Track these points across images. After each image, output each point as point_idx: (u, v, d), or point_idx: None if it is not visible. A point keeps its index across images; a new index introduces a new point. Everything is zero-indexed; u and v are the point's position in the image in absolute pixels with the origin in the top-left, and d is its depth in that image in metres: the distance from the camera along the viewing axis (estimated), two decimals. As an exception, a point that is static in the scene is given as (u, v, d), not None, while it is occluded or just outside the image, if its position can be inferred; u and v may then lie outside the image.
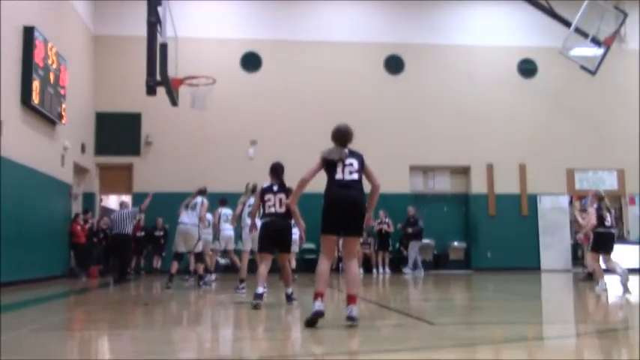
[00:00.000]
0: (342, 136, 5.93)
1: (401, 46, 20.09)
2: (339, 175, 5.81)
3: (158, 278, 14.97)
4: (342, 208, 5.73)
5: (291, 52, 19.67)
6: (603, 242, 10.56)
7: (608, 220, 10.57)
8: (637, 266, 17.61)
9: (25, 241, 12.59)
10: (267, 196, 7.84)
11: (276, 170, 8.01)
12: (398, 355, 4.56)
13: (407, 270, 17.89)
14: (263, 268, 7.86)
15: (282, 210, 7.78)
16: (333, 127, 6.02)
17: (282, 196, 7.80)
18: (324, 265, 5.75)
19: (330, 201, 5.80)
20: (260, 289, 7.59)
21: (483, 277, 16.21)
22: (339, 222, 5.77)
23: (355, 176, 5.81)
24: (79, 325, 6.76)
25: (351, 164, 5.83)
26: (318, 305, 5.50)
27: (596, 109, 20.21)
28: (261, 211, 7.98)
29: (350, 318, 5.48)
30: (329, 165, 5.87)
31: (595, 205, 10.78)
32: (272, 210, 7.80)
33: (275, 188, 7.87)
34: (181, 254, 11.96)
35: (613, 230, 10.67)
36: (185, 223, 11.81)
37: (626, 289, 9.92)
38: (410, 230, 18.11)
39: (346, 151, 5.88)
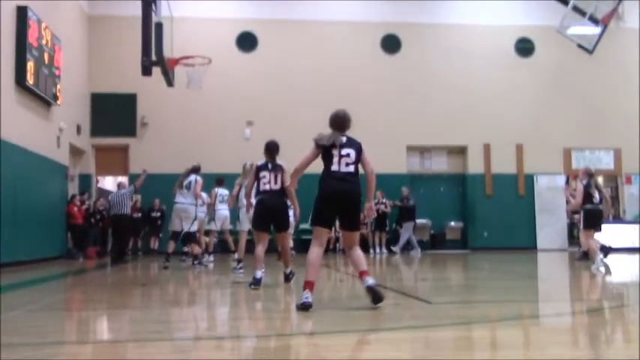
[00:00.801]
0: (340, 122, 5.80)
1: (398, 26, 19.96)
2: (334, 167, 5.67)
3: (155, 259, 14.99)
4: (336, 202, 5.62)
5: (287, 32, 19.54)
6: (594, 219, 10.69)
7: (597, 197, 10.71)
8: (636, 245, 17.72)
9: (22, 223, 12.57)
10: (262, 173, 7.77)
11: (271, 149, 7.89)
12: (396, 333, 4.57)
13: (396, 249, 17.94)
14: (260, 249, 7.77)
15: (277, 187, 7.70)
16: (331, 113, 5.87)
17: (278, 173, 7.73)
18: (314, 254, 5.63)
19: (324, 193, 5.66)
20: (259, 274, 7.52)
21: (480, 257, 16.28)
22: (332, 216, 5.72)
23: (351, 168, 5.67)
24: (77, 306, 6.77)
25: (348, 155, 5.67)
26: (306, 297, 5.38)
27: (593, 88, 20.17)
28: (256, 189, 7.91)
29: (369, 287, 5.44)
30: (325, 152, 5.72)
31: (584, 182, 10.93)
32: (267, 187, 7.71)
33: (270, 166, 7.78)
34: (178, 233, 11.93)
35: (600, 207, 10.80)
36: (182, 202, 11.74)
37: (607, 270, 10.02)
38: (399, 204, 18.06)
39: (343, 138, 5.72)
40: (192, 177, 11.75)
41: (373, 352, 4.04)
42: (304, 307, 5.35)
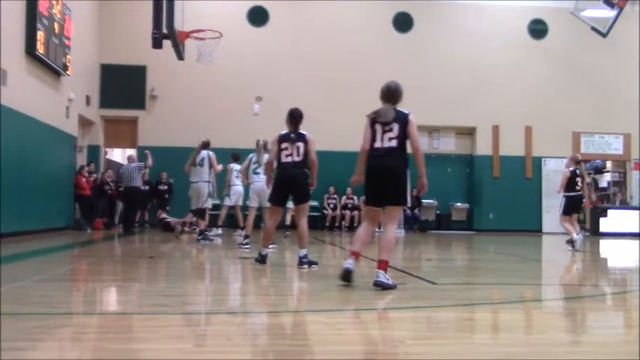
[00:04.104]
0: (386, 94, 5.78)
1: (410, 4, 19.78)
2: (377, 143, 5.65)
3: (168, 232, 15.13)
4: (377, 179, 5.62)
5: (298, 7, 19.40)
6: (573, 205, 11.50)
7: (579, 184, 11.38)
8: (636, 230, 17.70)
9: (29, 193, 12.66)
10: (284, 144, 7.31)
11: (295, 117, 7.39)
12: (400, 312, 4.63)
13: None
14: (271, 225, 7.62)
15: (299, 159, 7.27)
16: (382, 85, 5.84)
17: (300, 144, 7.27)
18: (361, 229, 5.86)
19: (367, 172, 5.69)
20: (264, 250, 7.46)
21: (485, 239, 16.32)
22: (377, 193, 5.67)
23: (394, 143, 5.62)
24: (85, 277, 6.85)
25: (391, 129, 5.64)
26: (349, 263, 5.58)
27: (605, 72, 19.99)
28: (277, 161, 7.43)
29: (374, 283, 5.42)
30: (372, 126, 5.71)
31: (571, 168, 11.48)
32: (288, 159, 7.27)
33: (293, 136, 7.31)
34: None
35: (581, 193, 11.51)
36: (195, 181, 11.88)
37: (576, 250, 10.91)
38: None
39: (393, 112, 5.70)
40: (205, 153, 11.84)
41: (376, 330, 4.09)
42: (346, 272, 5.55)
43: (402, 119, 5.69)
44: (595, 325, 4.52)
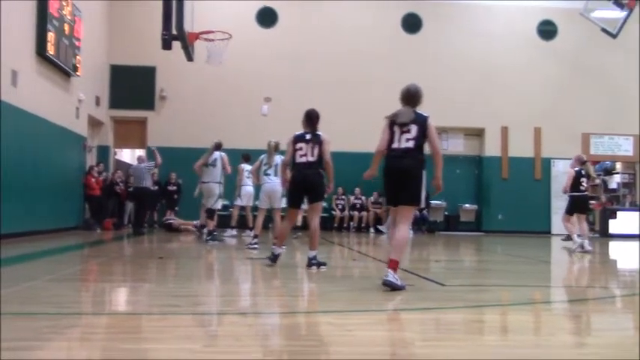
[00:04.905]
0: (406, 96, 5.86)
1: (418, 4, 19.76)
2: (394, 144, 5.72)
3: (174, 232, 15.19)
4: (393, 180, 5.70)
5: (306, 8, 19.41)
6: (577, 205, 11.58)
7: (584, 184, 11.48)
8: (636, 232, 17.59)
9: (40, 192, 12.73)
10: (299, 145, 7.32)
11: (312, 117, 7.44)
12: (408, 314, 4.64)
13: (383, 228, 17.99)
14: (286, 225, 7.72)
15: (314, 159, 7.26)
16: (402, 88, 5.92)
17: (315, 144, 7.27)
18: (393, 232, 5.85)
19: (385, 172, 5.77)
20: (277, 250, 7.50)
21: (493, 240, 16.28)
22: (393, 193, 5.74)
23: (411, 144, 5.67)
24: (95, 277, 6.89)
25: (409, 130, 5.69)
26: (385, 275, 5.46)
27: (615, 73, 19.89)
28: (292, 161, 7.47)
29: (383, 282, 5.42)
30: (390, 127, 5.76)
31: (576, 169, 11.62)
32: (303, 159, 7.29)
33: (308, 137, 7.33)
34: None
35: (587, 193, 11.67)
36: (207, 181, 11.99)
37: (586, 251, 11.00)
38: None
39: (412, 114, 5.75)
40: (217, 154, 11.94)
41: (386, 331, 4.10)
42: (387, 285, 5.42)
43: (421, 121, 5.75)
44: (604, 327, 4.51)
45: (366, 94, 18.71)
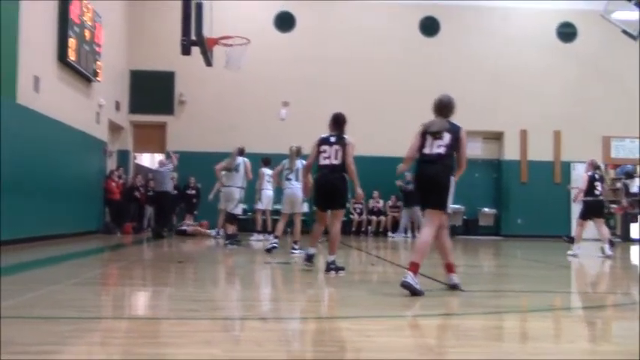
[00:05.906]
0: (439, 107, 5.97)
1: (436, 7, 19.72)
2: (426, 150, 5.82)
3: (190, 237, 15.27)
4: (422, 185, 5.85)
5: (324, 12, 19.44)
6: (592, 210, 11.47)
7: (599, 189, 11.43)
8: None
9: (61, 196, 12.86)
10: (323, 147, 7.39)
11: (338, 121, 7.54)
12: (428, 320, 4.63)
13: (392, 235, 17.91)
14: (317, 227, 7.85)
15: (337, 162, 7.29)
16: (434, 98, 6.05)
17: (339, 147, 7.31)
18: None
19: (416, 178, 5.97)
20: (311, 250, 7.68)
21: (512, 244, 16.17)
22: (423, 197, 5.87)
23: (442, 150, 5.77)
24: (115, 281, 6.95)
25: (442, 137, 5.79)
26: (404, 277, 5.49)
27: (636, 75, 19.66)
28: (316, 164, 7.53)
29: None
30: (422, 135, 5.87)
31: (589, 173, 11.60)
32: (326, 162, 7.34)
33: (332, 139, 7.39)
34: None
35: (601, 198, 11.57)
36: (229, 185, 12.19)
37: (607, 256, 10.98)
38: (401, 185, 17.86)
39: (446, 124, 5.84)
40: (240, 160, 12.13)
41: (406, 337, 4.09)
42: (405, 286, 5.42)
43: (455, 131, 5.86)
44: (625, 334, 4.46)
45: (383, 98, 18.69)
